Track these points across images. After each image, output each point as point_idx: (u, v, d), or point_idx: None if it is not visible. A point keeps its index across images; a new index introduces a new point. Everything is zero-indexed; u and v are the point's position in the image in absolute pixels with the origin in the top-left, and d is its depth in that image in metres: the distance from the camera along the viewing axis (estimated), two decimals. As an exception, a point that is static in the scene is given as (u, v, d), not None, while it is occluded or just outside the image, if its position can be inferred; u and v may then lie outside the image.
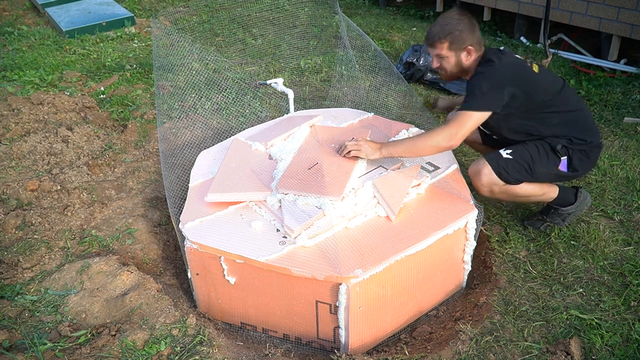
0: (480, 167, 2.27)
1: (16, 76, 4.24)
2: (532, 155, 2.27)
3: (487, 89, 2.17)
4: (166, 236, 2.67)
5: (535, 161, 2.27)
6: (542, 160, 2.27)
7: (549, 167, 2.29)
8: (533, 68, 2.28)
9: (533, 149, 2.29)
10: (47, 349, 1.89)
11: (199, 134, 3.22)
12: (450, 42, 2.25)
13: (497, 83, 2.18)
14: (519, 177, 2.27)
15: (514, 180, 2.27)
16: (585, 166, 2.35)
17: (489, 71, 2.20)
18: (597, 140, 2.34)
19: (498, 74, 2.19)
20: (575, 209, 2.48)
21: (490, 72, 2.19)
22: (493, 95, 2.17)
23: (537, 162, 2.27)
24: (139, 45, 5.13)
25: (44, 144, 3.28)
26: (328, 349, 2.07)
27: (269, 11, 4.34)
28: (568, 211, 2.48)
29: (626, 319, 2.03)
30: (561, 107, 2.29)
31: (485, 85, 2.17)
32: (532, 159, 2.27)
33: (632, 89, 3.87)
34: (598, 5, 4.18)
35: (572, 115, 2.32)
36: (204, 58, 3.66)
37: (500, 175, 2.25)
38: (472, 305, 2.23)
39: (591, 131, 2.34)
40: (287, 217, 2.08)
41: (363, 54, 4.05)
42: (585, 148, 2.30)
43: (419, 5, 6.20)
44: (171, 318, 2.02)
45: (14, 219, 2.60)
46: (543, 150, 2.28)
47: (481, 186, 2.29)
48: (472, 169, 2.33)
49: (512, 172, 2.25)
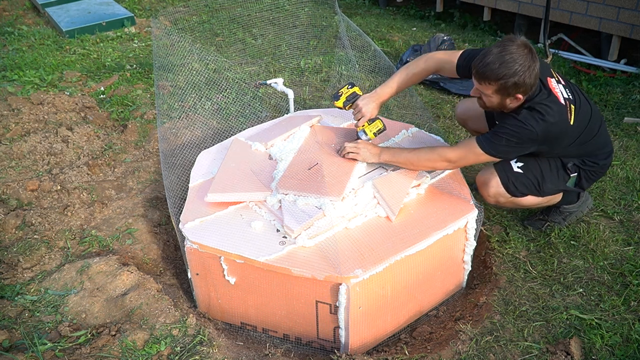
0: (489, 177, 2.26)
1: (16, 76, 4.23)
2: (543, 172, 2.24)
3: (514, 143, 2.07)
4: (166, 236, 2.67)
5: (546, 178, 2.24)
6: (552, 178, 2.25)
7: (558, 184, 2.28)
8: (570, 117, 2.10)
9: (544, 164, 2.25)
10: (47, 349, 1.89)
11: (199, 134, 3.22)
12: (499, 87, 2.01)
13: (527, 141, 2.07)
14: (526, 192, 2.27)
15: (521, 194, 2.27)
16: (590, 182, 2.36)
17: (526, 129, 2.03)
18: (609, 160, 2.33)
19: (533, 135, 2.04)
20: (576, 208, 2.48)
21: (527, 131, 2.04)
22: (515, 149, 2.11)
23: (547, 179, 2.25)
24: (139, 45, 5.13)
25: (44, 144, 3.28)
26: (328, 349, 2.07)
27: (269, 11, 4.34)
28: (569, 210, 2.48)
29: (626, 319, 2.03)
30: (579, 142, 2.21)
31: (514, 140, 2.06)
32: (543, 175, 2.24)
33: (632, 89, 3.87)
34: (598, 5, 4.18)
35: (589, 145, 2.25)
36: (204, 58, 3.66)
37: (508, 189, 2.24)
38: (472, 305, 2.23)
39: (604, 153, 2.30)
40: (287, 217, 2.08)
41: (363, 54, 4.05)
42: (596, 169, 2.30)
43: (419, 5, 6.20)
44: (171, 318, 2.02)
45: (14, 219, 2.60)
46: (555, 167, 2.25)
47: (488, 197, 2.30)
48: (480, 179, 2.31)
49: (520, 187, 2.24)
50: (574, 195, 2.45)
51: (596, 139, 2.25)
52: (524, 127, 2.04)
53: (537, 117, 2.03)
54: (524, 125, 2.04)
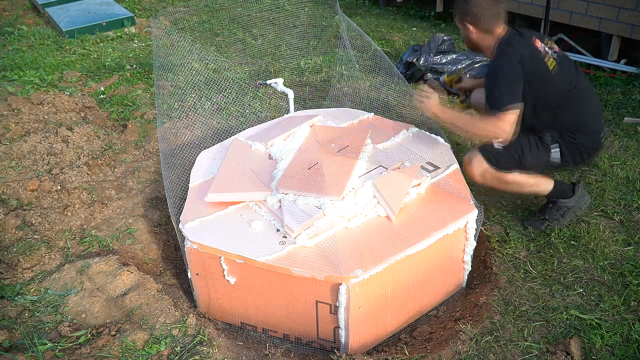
0: (472, 155, 2.40)
1: (16, 76, 4.23)
2: (523, 147, 2.36)
3: (505, 80, 2.23)
4: (166, 236, 2.67)
5: (525, 152, 2.36)
6: (532, 152, 2.36)
7: (539, 157, 2.37)
8: (548, 63, 2.28)
9: (524, 140, 2.37)
10: (47, 349, 1.89)
11: (199, 134, 3.22)
12: (459, 19, 2.36)
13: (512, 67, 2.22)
14: (508, 166, 2.35)
15: (505, 169, 2.35)
16: (576, 159, 2.40)
17: (504, 58, 2.25)
18: (588, 143, 2.38)
19: (512, 58, 2.22)
20: (574, 203, 2.49)
21: (506, 58, 2.24)
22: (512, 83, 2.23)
23: (527, 153, 2.35)
24: (139, 45, 5.13)
25: (44, 144, 3.28)
26: (328, 349, 2.07)
27: (269, 11, 4.34)
28: (567, 204, 2.49)
29: (626, 319, 2.03)
30: (559, 103, 2.32)
31: (502, 76, 2.24)
32: (522, 150, 2.36)
33: (632, 89, 3.87)
34: (598, 5, 4.18)
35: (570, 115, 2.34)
36: (204, 58, 3.66)
37: (491, 162, 2.35)
38: (472, 305, 2.23)
39: (587, 132, 2.37)
40: (287, 217, 2.08)
41: (363, 54, 4.05)
42: (574, 146, 2.36)
43: (419, 5, 6.20)
44: (171, 318, 2.02)
45: (14, 219, 2.60)
46: (534, 141, 2.37)
47: (474, 175, 2.40)
48: (465, 158, 2.44)
49: (502, 160, 2.36)
50: (568, 189, 2.50)
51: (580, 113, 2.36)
52: (500, 59, 2.26)
53: (506, 49, 2.26)
54: (499, 58, 2.27)
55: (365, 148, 2.51)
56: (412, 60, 4.14)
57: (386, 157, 2.47)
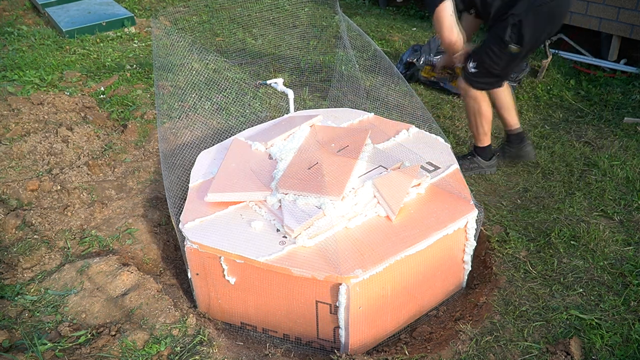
0: (459, 81, 2.94)
1: (16, 76, 4.23)
2: (490, 55, 2.70)
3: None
4: (166, 236, 2.67)
5: (493, 61, 2.71)
6: (494, 56, 2.70)
7: (500, 56, 2.69)
8: None
9: (488, 47, 2.70)
10: (47, 349, 1.89)
11: (199, 134, 3.22)
12: None
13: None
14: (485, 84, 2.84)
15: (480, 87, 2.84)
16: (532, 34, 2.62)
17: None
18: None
19: None
20: (484, 165, 3.04)
21: None
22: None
23: (494, 61, 2.71)
24: (139, 45, 5.12)
25: (44, 144, 3.28)
26: (328, 349, 2.07)
27: (269, 11, 4.34)
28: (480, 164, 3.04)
29: (626, 319, 2.03)
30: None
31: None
32: (491, 58, 2.71)
33: (632, 89, 3.87)
34: (598, 5, 4.18)
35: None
36: (204, 58, 3.66)
37: (472, 84, 2.84)
38: (472, 305, 2.23)
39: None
40: (287, 217, 2.08)
41: (363, 54, 4.05)
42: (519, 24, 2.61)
43: (419, 5, 6.20)
44: (171, 318, 2.02)
45: (14, 219, 2.60)
46: (496, 45, 2.67)
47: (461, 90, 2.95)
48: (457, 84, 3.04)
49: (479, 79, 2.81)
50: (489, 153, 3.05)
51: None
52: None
53: None
54: None
55: (365, 148, 2.51)
56: (412, 60, 4.14)
57: (386, 157, 2.47)
